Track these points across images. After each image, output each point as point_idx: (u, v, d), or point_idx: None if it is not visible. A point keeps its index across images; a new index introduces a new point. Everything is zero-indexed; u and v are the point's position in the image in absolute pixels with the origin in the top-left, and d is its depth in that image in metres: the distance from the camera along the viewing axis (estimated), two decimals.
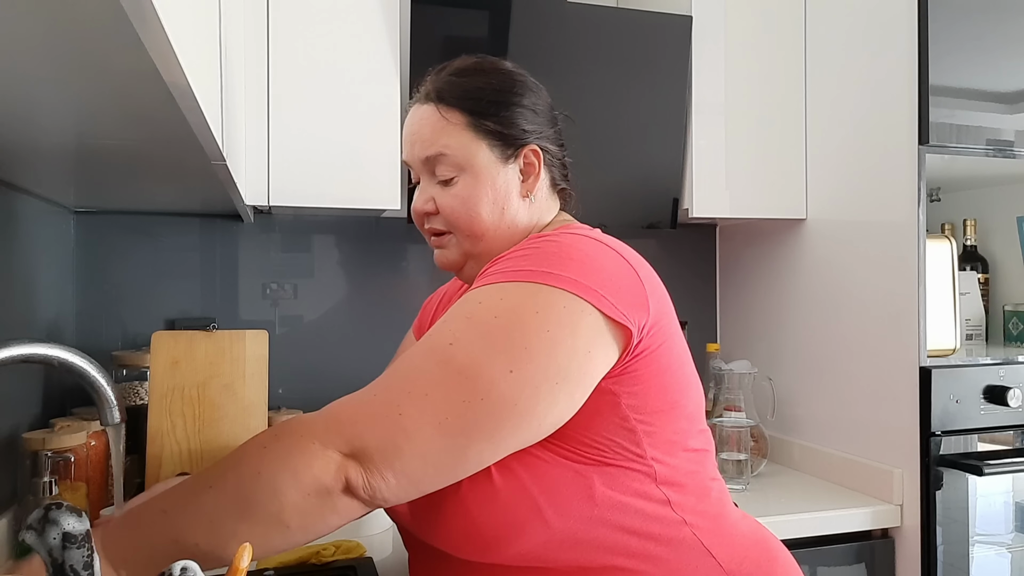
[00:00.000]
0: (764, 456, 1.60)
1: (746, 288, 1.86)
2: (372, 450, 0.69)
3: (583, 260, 0.76)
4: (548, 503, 0.75)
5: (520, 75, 0.91)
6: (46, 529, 0.60)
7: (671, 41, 1.54)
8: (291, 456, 0.69)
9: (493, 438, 0.71)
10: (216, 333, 1.17)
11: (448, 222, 0.89)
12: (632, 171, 1.56)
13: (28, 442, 1.05)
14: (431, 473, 0.71)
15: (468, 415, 0.70)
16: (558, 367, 0.72)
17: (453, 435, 0.69)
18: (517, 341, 0.71)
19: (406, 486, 0.70)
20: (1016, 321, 1.64)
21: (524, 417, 0.71)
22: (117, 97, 0.59)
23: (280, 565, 1.08)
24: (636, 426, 0.77)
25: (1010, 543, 1.42)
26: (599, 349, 0.74)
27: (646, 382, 0.77)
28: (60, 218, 1.44)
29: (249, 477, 0.69)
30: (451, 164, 0.87)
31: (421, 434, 0.69)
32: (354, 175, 1.37)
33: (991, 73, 1.40)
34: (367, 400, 0.72)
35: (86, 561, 0.60)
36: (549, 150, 0.91)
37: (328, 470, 0.68)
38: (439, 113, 0.87)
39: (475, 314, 0.74)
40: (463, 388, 0.70)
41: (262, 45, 1.33)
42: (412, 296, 1.73)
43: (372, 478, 0.69)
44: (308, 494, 0.68)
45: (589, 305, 0.73)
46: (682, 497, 0.79)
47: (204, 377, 1.14)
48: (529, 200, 0.89)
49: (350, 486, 0.69)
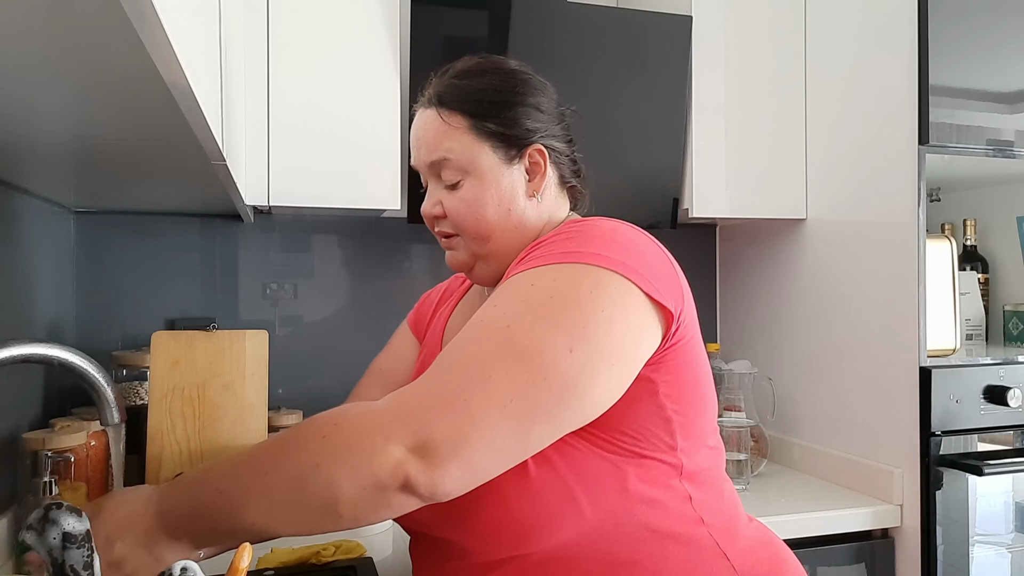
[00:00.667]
0: (764, 456, 1.60)
1: (746, 288, 1.86)
2: (439, 441, 0.66)
3: (627, 243, 0.76)
4: (584, 493, 0.74)
5: (524, 73, 0.90)
6: (46, 529, 0.60)
7: (671, 41, 1.54)
8: (352, 450, 0.68)
9: (555, 419, 0.70)
10: (216, 333, 1.17)
11: (455, 225, 0.89)
12: (632, 171, 1.56)
13: (28, 442, 1.05)
14: (495, 460, 0.69)
15: (532, 396, 0.68)
16: (615, 347, 0.72)
17: (518, 418, 0.68)
18: (576, 320, 0.71)
19: (470, 476, 0.69)
20: (1016, 321, 1.64)
21: (583, 398, 0.71)
22: (117, 97, 0.59)
23: (280, 565, 1.08)
24: (672, 416, 0.77)
25: (1010, 543, 1.42)
26: (647, 331, 0.74)
27: (680, 372, 0.78)
28: (60, 218, 1.44)
29: (307, 467, 0.68)
30: (455, 168, 0.87)
31: (488, 420, 0.67)
32: (354, 175, 1.37)
33: (991, 73, 1.40)
34: (429, 389, 0.70)
35: (86, 561, 0.60)
36: (555, 148, 0.90)
37: (387, 467, 0.66)
38: (441, 118, 0.87)
39: (530, 296, 0.73)
40: (526, 369, 0.69)
41: (262, 45, 1.33)
42: (412, 296, 1.72)
43: (435, 472, 0.66)
44: (364, 489, 0.67)
45: (636, 287, 0.73)
46: (701, 494, 0.80)
47: (204, 377, 1.14)
48: (536, 199, 0.89)
49: (409, 483, 0.67)
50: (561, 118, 0.92)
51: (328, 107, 1.36)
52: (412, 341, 1.12)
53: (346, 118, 1.37)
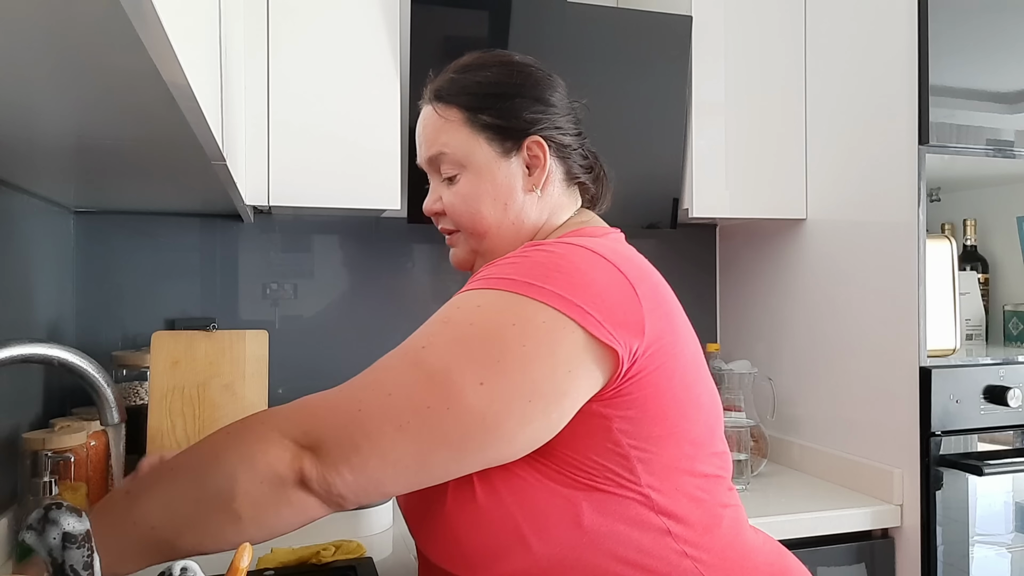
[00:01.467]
0: (764, 456, 1.60)
1: (746, 288, 1.86)
2: (329, 443, 0.67)
3: (572, 273, 0.72)
4: (531, 528, 0.71)
5: (526, 65, 0.89)
6: (46, 529, 0.60)
7: (671, 41, 1.54)
8: (249, 442, 0.68)
9: (458, 449, 0.68)
10: (216, 333, 1.17)
11: (453, 220, 0.88)
12: (632, 171, 1.56)
13: (28, 442, 1.05)
14: (391, 474, 0.68)
15: (432, 421, 0.67)
16: (532, 384, 0.68)
17: (414, 439, 0.67)
18: (492, 352, 0.68)
19: (364, 484, 0.68)
20: (1016, 321, 1.64)
21: (491, 432, 0.68)
22: (117, 97, 0.59)
23: (280, 565, 1.08)
24: (629, 452, 0.72)
25: (1010, 543, 1.42)
26: (581, 368, 0.69)
27: (641, 406, 0.73)
28: (60, 218, 1.44)
29: (208, 459, 0.69)
30: (452, 162, 0.86)
31: (380, 433, 0.67)
32: (354, 175, 1.37)
33: (991, 73, 1.40)
34: (332, 394, 0.71)
35: (86, 561, 0.60)
36: (559, 141, 0.87)
37: (283, 459, 0.67)
38: (436, 112, 0.87)
39: (452, 319, 0.72)
40: (429, 393, 0.68)
41: (262, 45, 1.33)
42: (412, 296, 1.73)
43: (327, 472, 0.67)
44: (261, 482, 0.67)
45: (572, 322, 0.69)
46: (684, 527, 0.74)
47: (204, 377, 1.14)
48: (536, 194, 0.86)
49: (304, 478, 0.67)
50: (570, 111, 0.90)
51: (328, 107, 1.36)
52: None
53: (346, 118, 1.37)
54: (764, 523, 1.29)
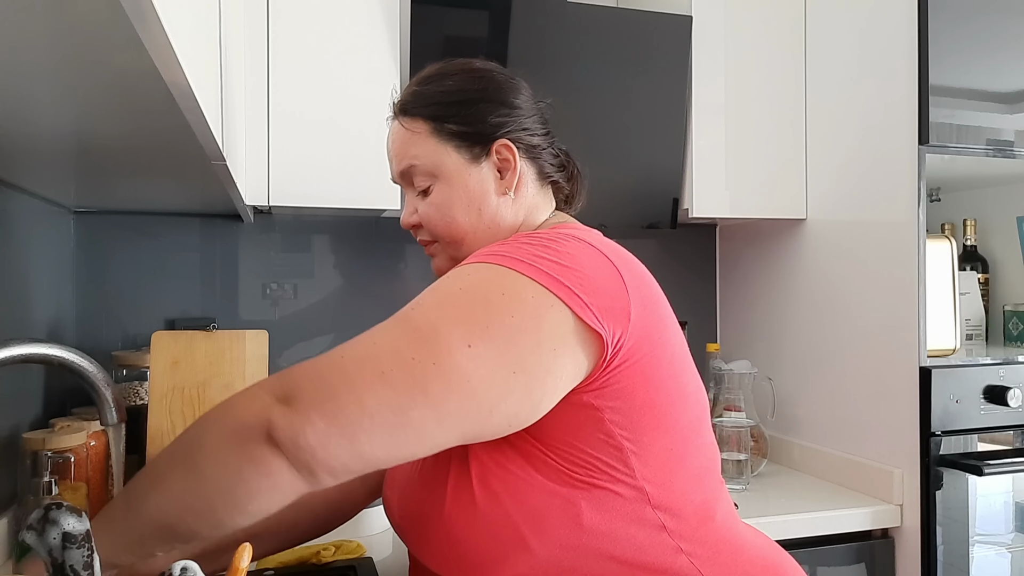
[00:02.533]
0: (764, 456, 1.60)
1: (746, 288, 1.86)
2: (305, 389, 0.65)
3: (560, 256, 0.72)
4: (531, 531, 0.71)
5: (488, 71, 0.89)
6: (46, 529, 0.60)
7: (671, 41, 1.54)
8: (231, 400, 0.68)
9: (438, 407, 0.66)
10: (216, 333, 1.17)
11: (429, 231, 0.88)
12: (632, 171, 1.56)
13: (28, 442, 1.05)
14: (367, 425, 0.64)
15: (416, 373, 0.65)
16: (518, 356, 0.68)
17: (395, 389, 0.65)
18: (480, 317, 0.68)
19: (338, 435, 0.63)
20: (1016, 321, 1.64)
21: (474, 397, 0.67)
22: (117, 96, 0.59)
23: (280, 565, 1.08)
24: (622, 443, 0.72)
25: (1010, 543, 1.42)
26: (566, 350, 0.69)
27: (629, 396, 0.73)
28: (60, 218, 1.44)
29: (195, 423, 0.70)
30: (423, 174, 0.86)
31: (361, 379, 0.65)
32: (354, 175, 1.37)
33: (991, 73, 1.40)
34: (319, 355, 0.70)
35: (86, 561, 0.60)
36: (527, 142, 0.87)
37: (252, 409, 0.65)
38: (403, 126, 0.87)
39: (441, 286, 0.72)
40: (415, 346, 0.66)
41: (262, 45, 1.33)
42: (412, 295, 1.72)
43: (296, 418, 0.63)
44: (227, 434, 0.65)
45: (560, 301, 0.69)
46: (678, 521, 0.75)
47: (204, 377, 1.14)
48: (509, 196, 0.87)
49: (271, 428, 0.63)
50: (536, 111, 0.90)
51: (328, 107, 1.36)
52: None
53: (346, 118, 1.37)
54: (764, 523, 1.29)
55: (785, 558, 0.84)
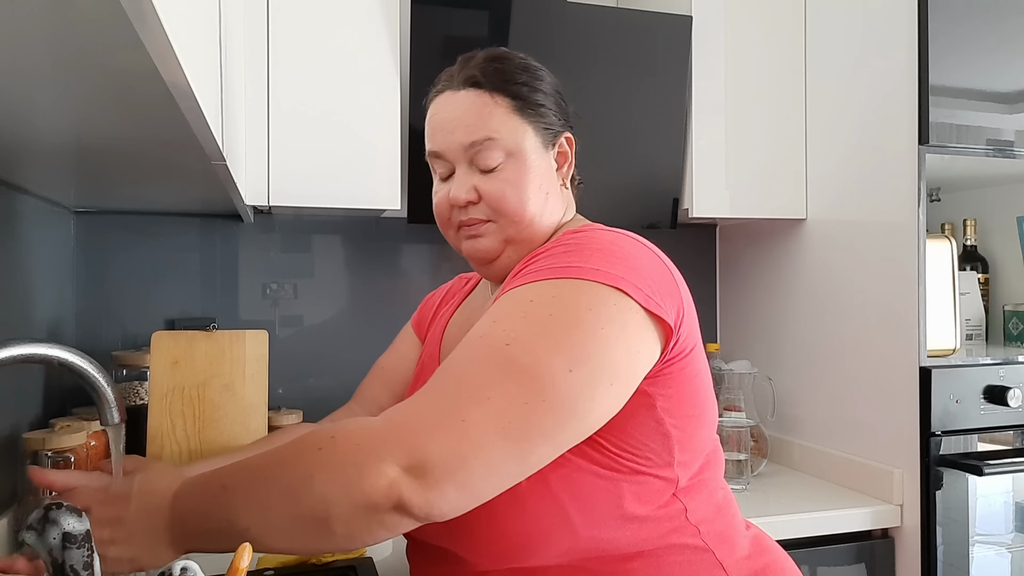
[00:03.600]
0: (764, 456, 1.60)
1: (746, 288, 1.86)
2: (436, 462, 0.64)
3: (625, 257, 0.75)
4: (578, 512, 0.74)
5: (540, 66, 0.91)
6: (46, 529, 0.60)
7: (671, 41, 1.54)
8: (345, 465, 0.65)
9: (554, 440, 0.69)
10: (216, 333, 1.17)
11: (495, 208, 0.85)
12: (632, 171, 1.56)
13: (28, 442, 1.05)
14: (494, 482, 0.67)
15: (532, 418, 0.67)
16: (614, 366, 0.70)
17: (517, 440, 0.66)
18: (576, 339, 0.69)
19: (467, 498, 0.66)
20: (1016, 321, 1.64)
21: (583, 418, 0.70)
22: (117, 97, 0.59)
23: (280, 565, 1.08)
24: (670, 431, 0.76)
25: (1010, 543, 1.42)
26: (645, 347, 0.73)
27: (679, 385, 0.77)
28: (60, 218, 1.44)
29: (302, 479, 0.66)
30: (499, 149, 0.84)
31: (487, 442, 0.65)
32: (354, 175, 1.37)
33: (991, 73, 1.40)
34: (426, 407, 0.68)
35: (86, 561, 0.60)
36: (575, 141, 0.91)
37: (380, 487, 0.64)
38: (486, 97, 0.84)
39: (529, 312, 0.71)
40: (525, 390, 0.67)
41: (262, 45, 1.33)
42: (412, 296, 1.72)
43: (430, 494, 0.64)
44: (356, 508, 0.65)
45: (635, 303, 0.72)
46: (696, 505, 0.79)
47: (204, 377, 1.14)
48: (562, 189, 0.90)
49: (403, 504, 0.64)
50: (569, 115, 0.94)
51: (328, 107, 1.36)
52: (415, 341, 1.12)
53: (346, 118, 1.37)
54: (764, 523, 1.29)
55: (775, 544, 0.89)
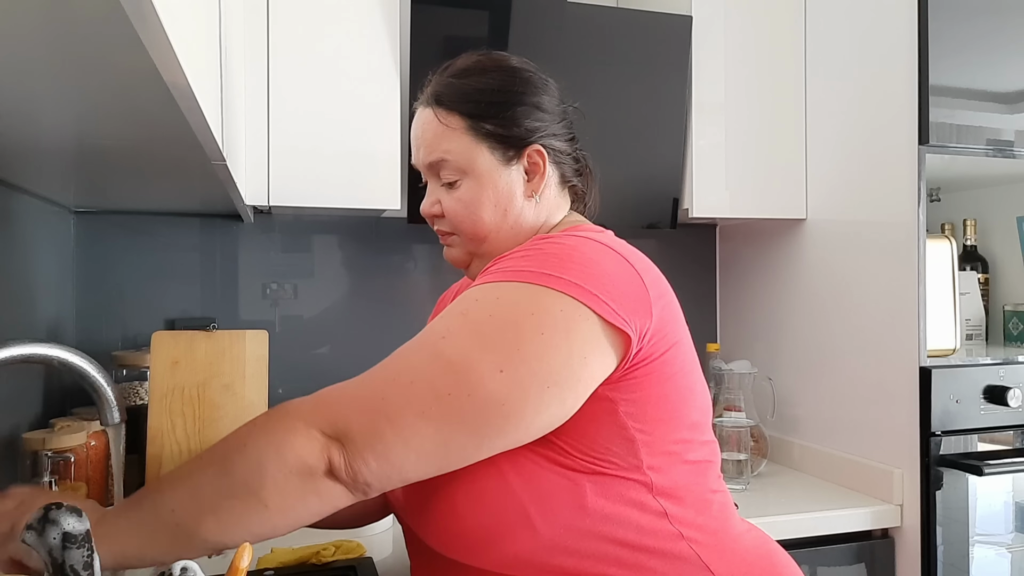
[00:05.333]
0: (764, 456, 1.60)
1: (746, 288, 1.86)
2: (354, 433, 0.69)
3: (584, 263, 0.74)
4: (537, 510, 0.73)
5: (525, 71, 0.89)
6: (46, 529, 0.60)
7: (671, 41, 1.54)
8: (276, 432, 0.70)
9: (477, 434, 0.71)
10: (216, 333, 1.17)
11: (452, 225, 0.89)
12: (632, 171, 1.56)
13: (28, 442, 1.05)
14: (413, 460, 0.70)
15: (453, 407, 0.69)
16: (550, 371, 0.71)
17: (436, 425, 0.69)
18: (510, 341, 0.70)
19: (388, 471, 0.70)
20: (1016, 321, 1.64)
21: (511, 418, 0.70)
22: (117, 97, 0.59)
23: (280, 565, 1.08)
24: (635, 435, 0.75)
25: (1010, 543, 1.42)
26: (596, 355, 0.72)
27: (646, 390, 0.76)
28: (60, 218, 1.44)
29: (235, 448, 0.70)
30: (453, 168, 0.86)
31: (403, 420, 0.69)
32: (354, 175, 1.37)
33: (991, 73, 1.40)
34: (353, 385, 0.73)
35: (86, 561, 0.59)
36: (556, 147, 0.89)
37: (312, 449, 0.68)
38: (437, 118, 0.87)
39: (470, 311, 0.74)
40: (449, 381, 0.70)
41: (262, 45, 1.33)
42: (412, 296, 1.73)
43: (353, 461, 0.69)
44: (290, 472, 0.68)
45: (587, 309, 0.72)
46: (680, 509, 0.78)
47: (204, 377, 1.14)
48: (535, 200, 0.88)
49: (332, 468, 0.69)
50: (563, 116, 0.91)
51: (328, 107, 1.36)
52: None
53: (346, 118, 1.37)
54: (764, 523, 1.29)
55: (777, 549, 0.87)
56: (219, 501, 0.69)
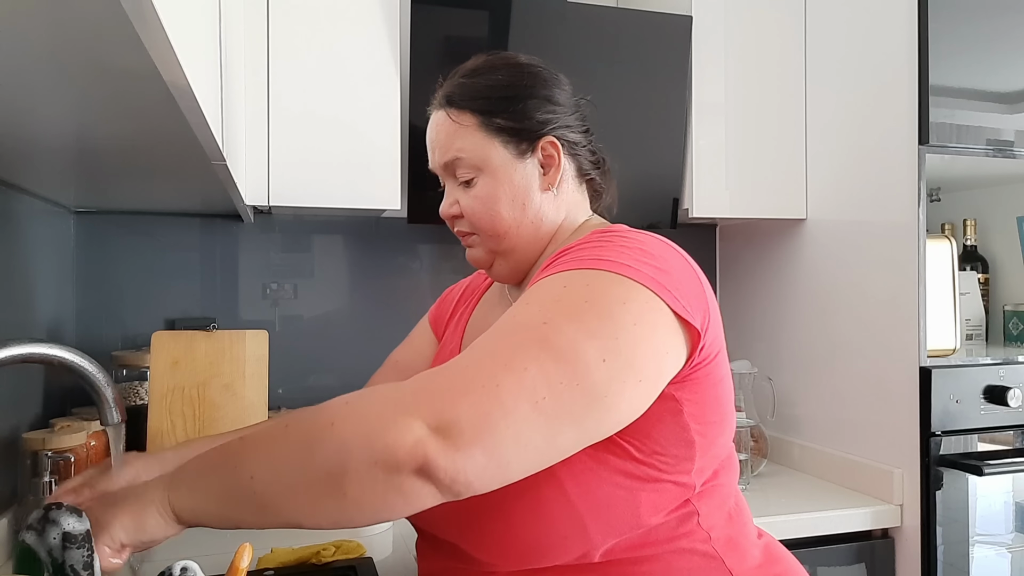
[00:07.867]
0: (764, 456, 1.60)
1: (746, 288, 1.86)
2: (464, 422, 0.62)
3: (656, 258, 0.73)
4: (593, 521, 0.72)
5: (533, 66, 0.90)
6: (46, 529, 0.60)
7: (671, 41, 1.54)
8: (368, 416, 0.63)
9: (581, 426, 0.67)
10: (216, 333, 1.17)
11: (471, 224, 0.88)
12: (632, 171, 1.55)
13: (28, 442, 1.05)
14: (520, 455, 0.64)
15: (564, 398, 0.65)
16: (642, 364, 0.69)
17: (547, 417, 0.64)
18: (609, 330, 0.68)
19: (494, 468, 0.63)
20: (1016, 321, 1.64)
21: (610, 410, 0.68)
22: (117, 97, 0.59)
23: (280, 565, 1.08)
24: (695, 437, 0.75)
25: (1010, 543, 1.42)
26: (673, 350, 0.71)
27: (705, 391, 0.76)
28: (60, 218, 1.44)
29: (322, 426, 0.64)
30: (468, 166, 0.86)
31: (518, 411, 0.63)
32: (354, 175, 1.37)
33: (991, 73, 1.40)
34: (459, 371, 0.66)
35: (86, 561, 0.60)
36: (569, 139, 0.89)
37: (404, 442, 0.61)
38: (450, 118, 0.87)
39: (563, 297, 0.70)
40: (561, 370, 0.65)
41: (262, 45, 1.33)
42: (412, 295, 1.73)
43: (458, 455, 0.61)
44: (375, 464, 0.61)
45: (665, 305, 0.70)
46: (709, 510, 0.78)
47: (204, 377, 1.14)
48: (552, 192, 0.88)
49: (428, 465, 0.61)
50: (576, 108, 0.91)
51: (328, 107, 1.36)
52: (431, 337, 1.10)
53: (346, 118, 1.37)
54: (764, 523, 1.29)
55: (786, 551, 0.89)
56: (297, 478, 0.63)
